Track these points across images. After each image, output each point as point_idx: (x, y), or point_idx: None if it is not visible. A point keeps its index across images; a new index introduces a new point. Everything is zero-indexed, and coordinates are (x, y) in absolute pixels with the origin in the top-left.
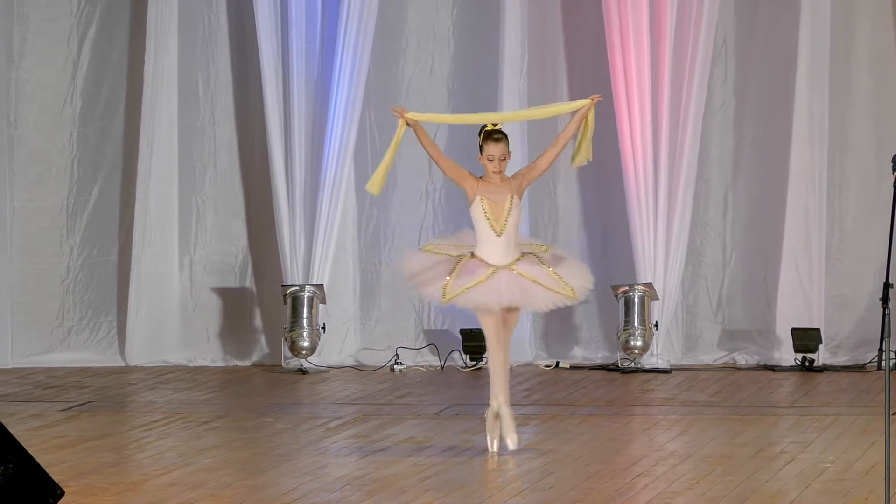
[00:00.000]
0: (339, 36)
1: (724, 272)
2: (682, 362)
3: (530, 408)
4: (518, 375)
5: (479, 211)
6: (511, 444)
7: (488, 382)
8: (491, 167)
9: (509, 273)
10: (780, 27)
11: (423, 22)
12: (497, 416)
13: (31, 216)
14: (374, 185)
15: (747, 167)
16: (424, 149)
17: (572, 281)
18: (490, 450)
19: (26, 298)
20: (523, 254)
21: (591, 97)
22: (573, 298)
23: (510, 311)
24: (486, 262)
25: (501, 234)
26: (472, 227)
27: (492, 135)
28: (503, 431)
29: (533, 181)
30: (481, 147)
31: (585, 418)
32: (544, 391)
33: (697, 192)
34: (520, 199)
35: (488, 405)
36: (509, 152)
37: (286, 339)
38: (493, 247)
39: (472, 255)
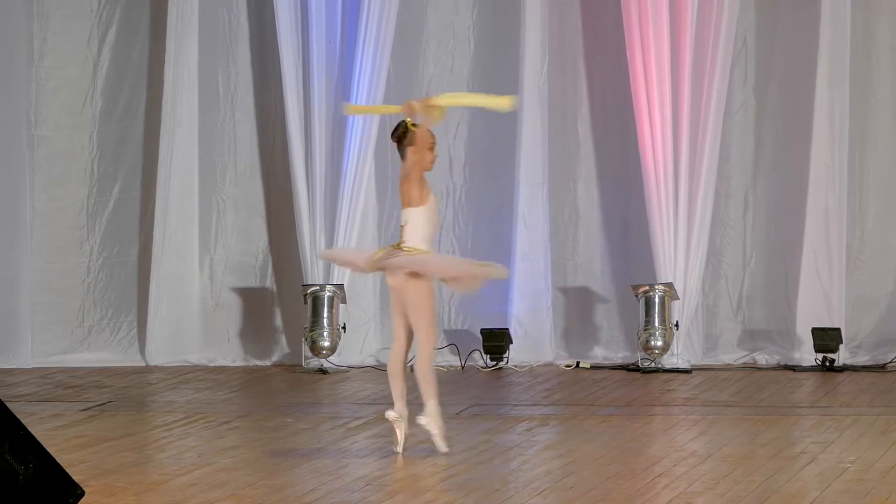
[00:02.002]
0: (360, 35)
1: (744, 272)
2: (703, 362)
3: (550, 408)
4: (538, 375)
5: (435, 207)
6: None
7: (510, 382)
8: (432, 159)
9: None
10: (801, 27)
11: (443, 22)
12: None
13: (51, 216)
14: (356, 109)
15: (767, 167)
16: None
17: None
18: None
19: (47, 298)
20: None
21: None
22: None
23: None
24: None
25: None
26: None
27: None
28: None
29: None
30: (429, 138)
31: (606, 418)
32: (565, 391)
33: (718, 192)
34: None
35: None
36: None
37: (306, 339)
38: (433, 245)
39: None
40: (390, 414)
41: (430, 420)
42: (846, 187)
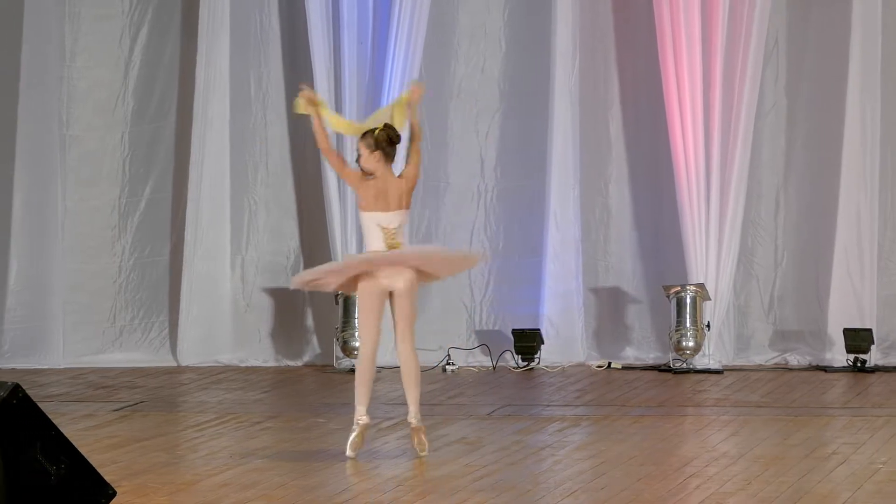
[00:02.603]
0: (391, 36)
1: (775, 272)
2: (734, 363)
3: (582, 408)
4: (570, 376)
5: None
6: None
7: (541, 383)
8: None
9: None
10: (832, 27)
11: (474, 22)
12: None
13: (83, 216)
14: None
15: (799, 167)
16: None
17: None
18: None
19: (78, 298)
20: None
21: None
22: None
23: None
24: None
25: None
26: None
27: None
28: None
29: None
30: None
31: (637, 419)
32: (596, 392)
33: (749, 193)
34: None
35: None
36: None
37: (338, 340)
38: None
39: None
40: (365, 419)
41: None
42: (877, 187)
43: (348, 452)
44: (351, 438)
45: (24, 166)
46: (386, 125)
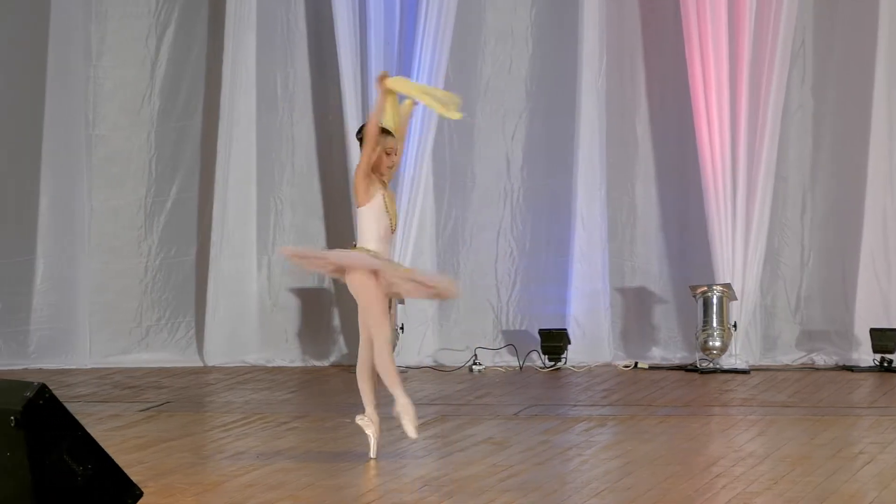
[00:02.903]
0: (418, 36)
1: (802, 273)
2: (761, 363)
3: (609, 408)
4: (597, 376)
5: (381, 205)
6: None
7: (568, 383)
8: (388, 161)
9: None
10: (859, 28)
11: (501, 22)
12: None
13: (109, 216)
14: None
15: (825, 167)
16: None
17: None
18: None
19: (104, 298)
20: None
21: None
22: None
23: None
24: (381, 256)
25: (396, 229)
26: None
27: (385, 130)
28: (406, 422)
29: None
30: (381, 139)
31: (664, 419)
32: (623, 391)
33: (775, 193)
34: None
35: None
36: None
37: None
38: (386, 242)
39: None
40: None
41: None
42: None
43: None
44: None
45: (50, 166)
46: None
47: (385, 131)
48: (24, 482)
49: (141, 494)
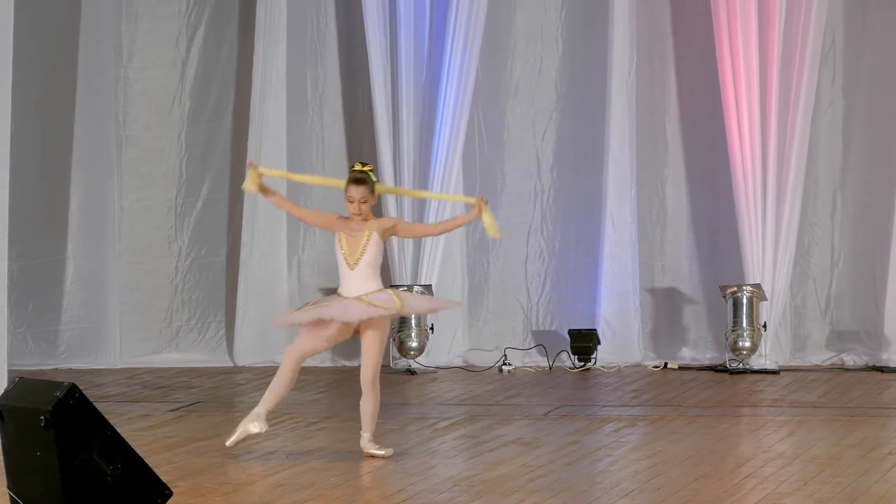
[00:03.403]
0: (448, 37)
1: (832, 273)
2: (791, 363)
3: (638, 409)
4: (626, 376)
5: (336, 245)
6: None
7: (597, 383)
8: (351, 208)
9: (356, 301)
10: (890, 27)
11: (531, 22)
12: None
13: (139, 216)
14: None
15: (855, 168)
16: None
17: (411, 300)
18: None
19: (135, 299)
20: (388, 287)
21: (477, 199)
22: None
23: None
24: (341, 295)
25: (354, 267)
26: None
27: (354, 177)
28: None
29: (401, 237)
30: (346, 187)
31: (693, 419)
32: (653, 392)
33: (805, 193)
34: (381, 238)
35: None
36: (373, 195)
37: (395, 340)
38: (348, 280)
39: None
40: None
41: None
42: None
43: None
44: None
45: (80, 167)
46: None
47: (351, 181)
48: (53, 482)
49: (170, 494)
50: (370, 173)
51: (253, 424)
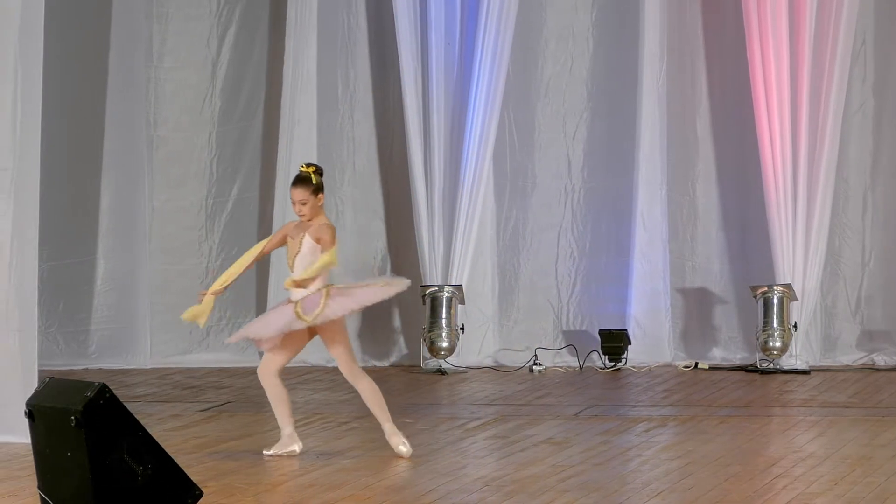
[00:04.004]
0: (479, 36)
1: (862, 273)
2: (821, 363)
3: (669, 409)
4: (657, 376)
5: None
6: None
7: (628, 383)
8: (294, 209)
9: (288, 308)
10: None
11: (562, 22)
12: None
13: (170, 216)
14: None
15: (887, 167)
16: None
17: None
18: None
19: (165, 299)
20: (329, 286)
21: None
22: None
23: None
24: (289, 299)
25: (292, 269)
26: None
27: (294, 178)
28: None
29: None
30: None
31: (724, 419)
32: (683, 392)
33: (836, 193)
34: (316, 243)
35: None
36: (314, 196)
37: (425, 340)
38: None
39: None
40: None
41: None
42: None
43: None
44: None
45: (111, 167)
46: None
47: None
48: (84, 482)
49: (201, 494)
50: (313, 174)
51: (291, 448)
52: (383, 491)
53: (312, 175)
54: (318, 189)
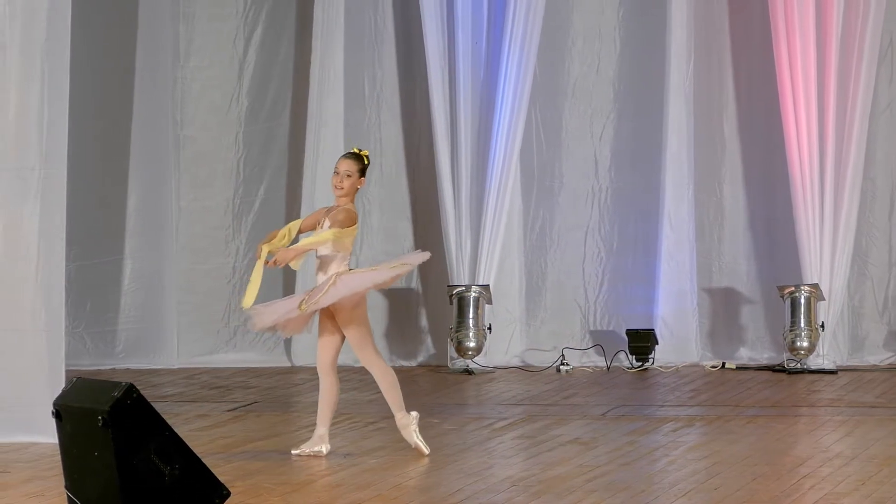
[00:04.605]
0: (506, 36)
1: (889, 273)
2: (848, 363)
3: (696, 408)
4: (684, 376)
5: None
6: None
7: (655, 383)
8: (334, 179)
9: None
10: None
11: (588, 22)
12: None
13: (197, 216)
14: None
15: None
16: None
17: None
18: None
19: (192, 299)
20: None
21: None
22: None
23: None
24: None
25: (317, 254)
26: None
27: (347, 153)
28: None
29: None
30: None
31: (751, 419)
32: (710, 392)
33: (863, 193)
34: (331, 226)
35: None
36: (357, 175)
37: (452, 340)
38: (318, 269)
39: None
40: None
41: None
42: None
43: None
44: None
45: (138, 167)
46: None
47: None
48: (111, 482)
49: (228, 494)
50: (365, 157)
51: (318, 448)
52: (410, 491)
53: (365, 157)
54: (363, 172)
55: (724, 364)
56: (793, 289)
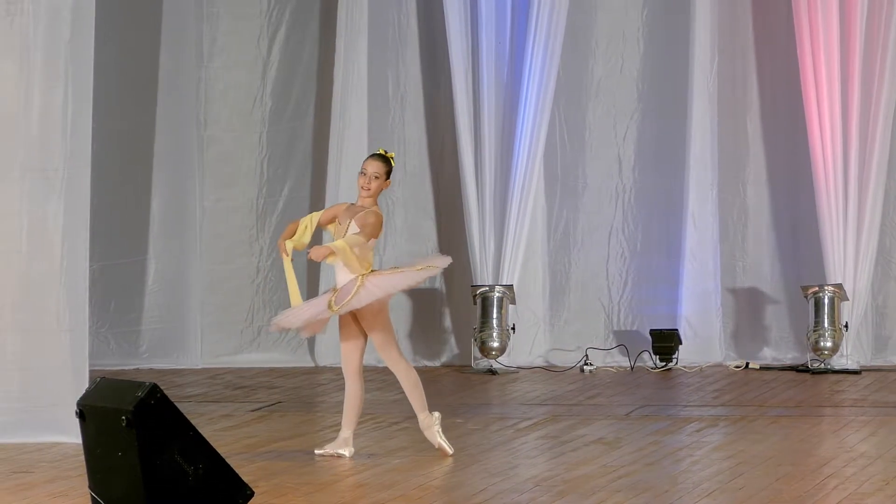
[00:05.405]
0: (529, 36)
1: None
2: (872, 363)
3: (720, 408)
4: (708, 376)
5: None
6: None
7: (679, 383)
8: (361, 181)
9: (324, 297)
10: None
11: (612, 23)
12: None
13: (221, 216)
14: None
15: None
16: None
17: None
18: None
19: (216, 299)
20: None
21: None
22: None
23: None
24: (334, 288)
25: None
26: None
27: (374, 153)
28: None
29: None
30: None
31: (775, 419)
32: (734, 392)
33: (887, 193)
34: (360, 229)
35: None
36: (385, 177)
37: (476, 340)
38: (337, 269)
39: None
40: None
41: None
42: None
43: None
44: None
45: (162, 167)
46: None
47: (370, 157)
48: (135, 482)
49: (252, 494)
50: (392, 160)
51: (341, 451)
52: (434, 491)
53: (392, 159)
54: (389, 174)
55: (747, 364)
56: (816, 289)
